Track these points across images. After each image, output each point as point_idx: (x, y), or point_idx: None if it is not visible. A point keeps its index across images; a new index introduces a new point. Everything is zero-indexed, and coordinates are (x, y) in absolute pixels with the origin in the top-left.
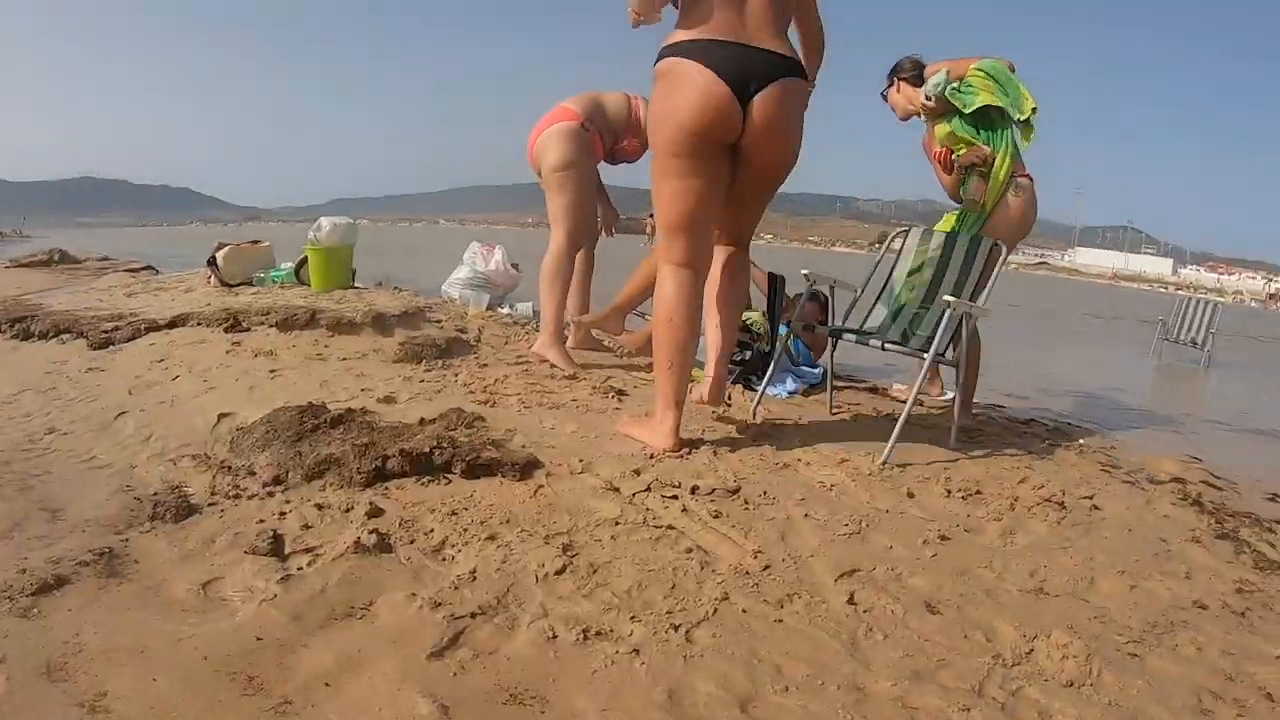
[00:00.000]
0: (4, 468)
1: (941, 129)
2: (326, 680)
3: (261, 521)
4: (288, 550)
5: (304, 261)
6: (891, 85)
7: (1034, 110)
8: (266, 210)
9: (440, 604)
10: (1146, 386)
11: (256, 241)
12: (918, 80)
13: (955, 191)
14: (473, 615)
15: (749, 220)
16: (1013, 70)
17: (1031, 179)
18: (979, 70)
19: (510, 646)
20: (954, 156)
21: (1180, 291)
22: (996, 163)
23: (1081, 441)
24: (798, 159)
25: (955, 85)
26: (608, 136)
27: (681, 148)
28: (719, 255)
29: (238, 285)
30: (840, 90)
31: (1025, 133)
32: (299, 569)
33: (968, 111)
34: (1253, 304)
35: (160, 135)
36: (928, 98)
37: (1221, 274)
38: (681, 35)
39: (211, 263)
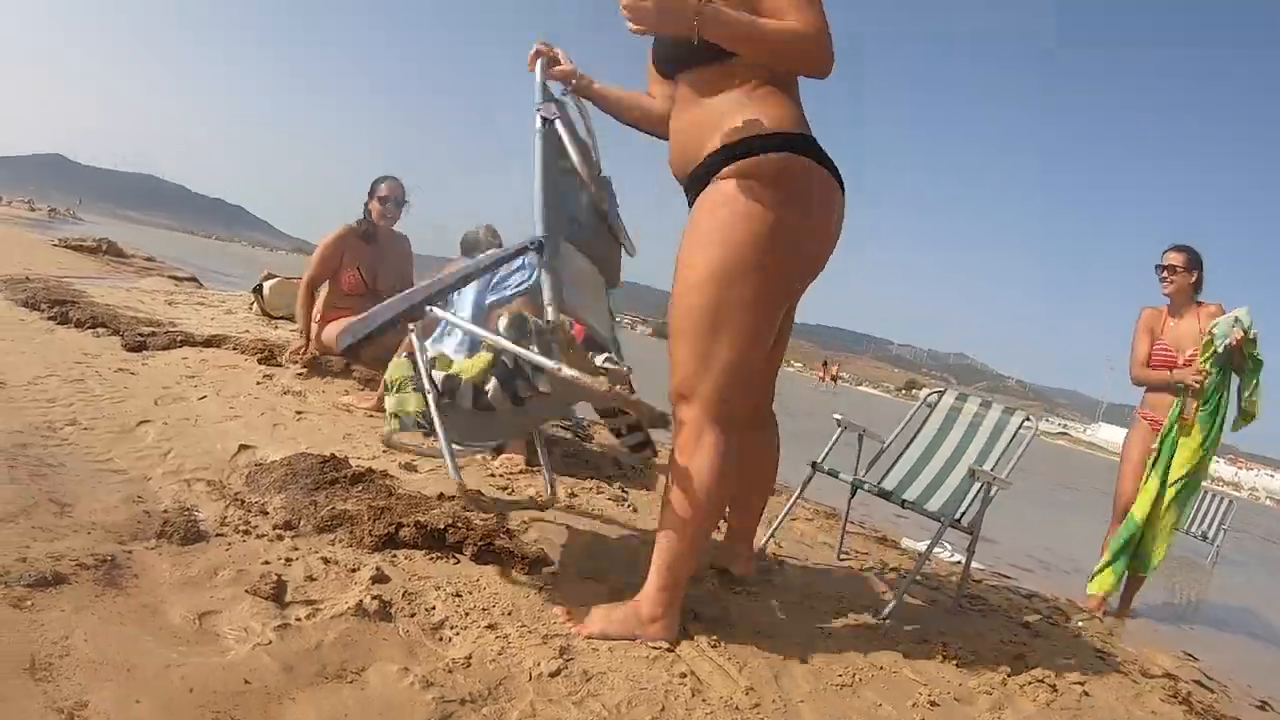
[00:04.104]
0: (20, 450)
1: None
2: None
3: (267, 564)
4: (288, 598)
5: None
6: None
7: (1252, 416)
8: (313, 246)
9: (432, 684)
10: (1151, 575)
11: None
12: None
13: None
14: (462, 701)
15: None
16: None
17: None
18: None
19: None
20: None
21: None
22: (1206, 414)
23: (1080, 624)
24: None
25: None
26: None
27: (792, 283)
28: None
29: (279, 317)
30: (889, 237)
31: (1240, 420)
32: (297, 619)
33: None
34: (1268, 503)
35: (227, 150)
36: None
37: (1241, 468)
38: (796, 121)
39: (257, 290)
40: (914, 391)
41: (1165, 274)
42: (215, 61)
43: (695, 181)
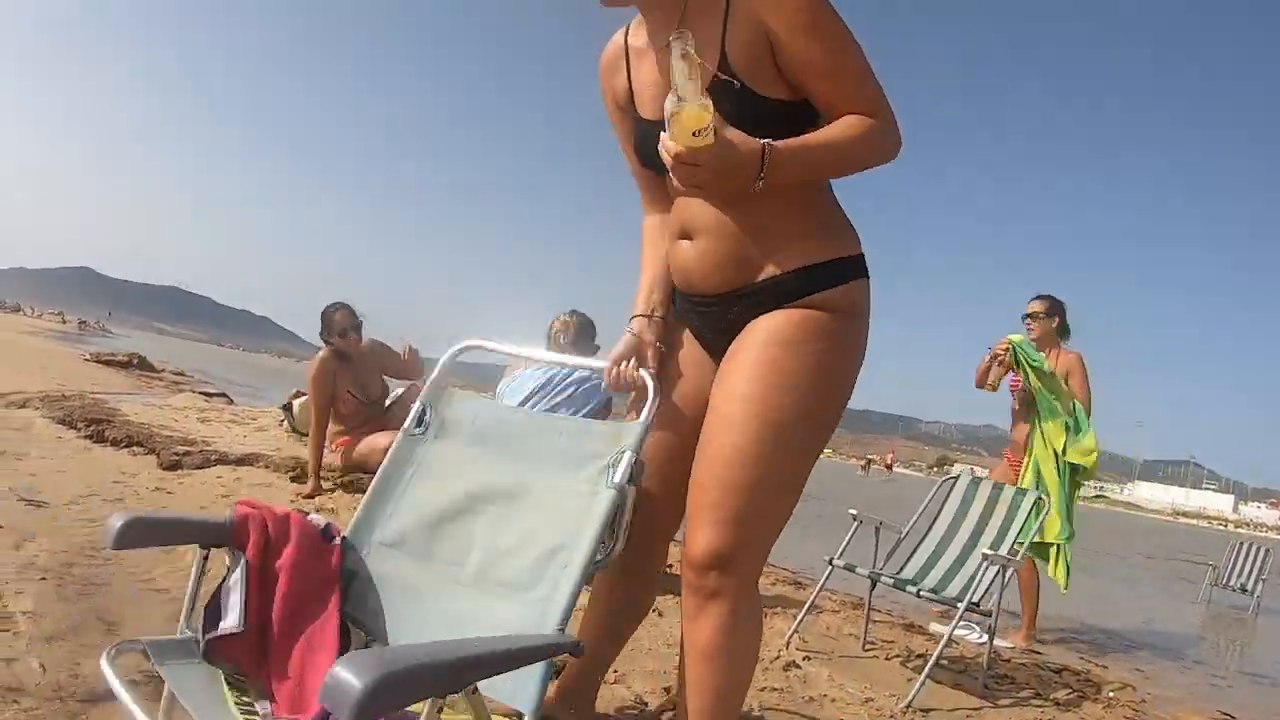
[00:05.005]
0: (67, 569)
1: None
2: None
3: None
4: None
5: None
6: None
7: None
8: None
9: None
10: (1190, 634)
11: None
12: None
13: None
14: None
15: None
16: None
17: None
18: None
19: None
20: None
21: (1239, 530)
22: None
23: (1111, 694)
24: None
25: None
26: None
27: None
28: None
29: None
30: (906, 315)
31: (1084, 468)
32: None
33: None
34: None
35: (253, 262)
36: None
37: None
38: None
39: (287, 408)
40: (946, 468)
41: (1029, 321)
42: (235, 174)
43: (748, 299)
